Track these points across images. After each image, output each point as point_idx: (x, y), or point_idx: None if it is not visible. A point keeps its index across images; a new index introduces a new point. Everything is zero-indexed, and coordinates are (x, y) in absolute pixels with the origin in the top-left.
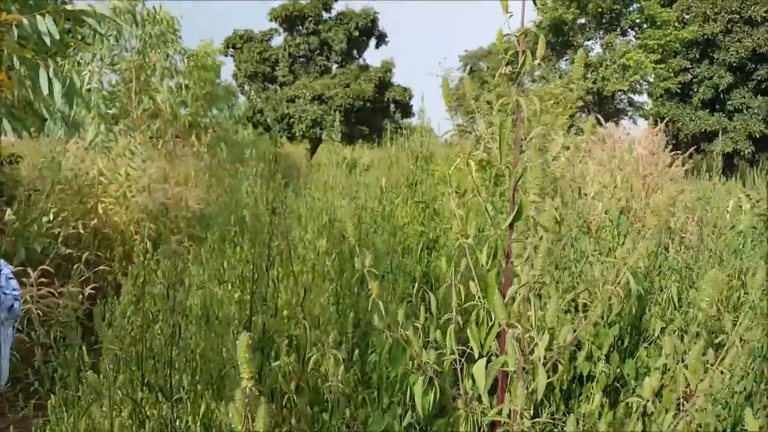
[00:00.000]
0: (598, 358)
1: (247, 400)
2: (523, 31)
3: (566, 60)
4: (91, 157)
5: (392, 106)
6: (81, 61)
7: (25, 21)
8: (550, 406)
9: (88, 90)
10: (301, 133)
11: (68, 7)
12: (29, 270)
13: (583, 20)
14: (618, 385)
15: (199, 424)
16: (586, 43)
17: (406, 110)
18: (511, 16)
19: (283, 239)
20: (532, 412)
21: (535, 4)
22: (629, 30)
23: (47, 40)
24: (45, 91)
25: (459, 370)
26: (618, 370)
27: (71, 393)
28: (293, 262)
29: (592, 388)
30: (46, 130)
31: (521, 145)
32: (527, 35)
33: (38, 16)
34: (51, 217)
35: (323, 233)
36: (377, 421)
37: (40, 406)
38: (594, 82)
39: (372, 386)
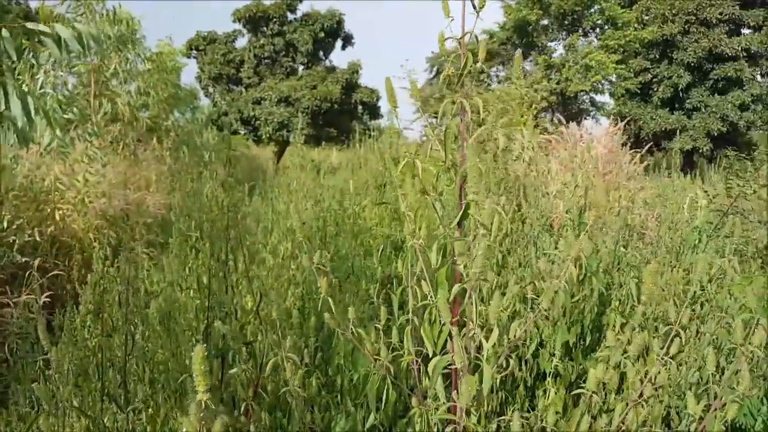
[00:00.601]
0: (559, 355)
1: (202, 414)
2: (464, 34)
3: (530, 61)
4: (47, 162)
5: (360, 107)
6: (34, 62)
7: None
8: (515, 404)
9: (42, 94)
10: (267, 135)
11: (29, 25)
12: None
13: (546, 21)
14: (581, 382)
15: None
16: (549, 44)
17: (374, 112)
18: (452, 20)
19: (239, 244)
20: (495, 409)
21: (474, 8)
22: (591, 31)
23: (4, 57)
24: (1, 106)
25: (417, 370)
26: (581, 367)
27: (23, 407)
28: (252, 267)
29: (552, 384)
30: None
31: (465, 146)
32: (469, 38)
33: None
34: (5, 225)
35: (288, 237)
36: (339, 424)
37: None
38: (557, 83)
39: (336, 390)
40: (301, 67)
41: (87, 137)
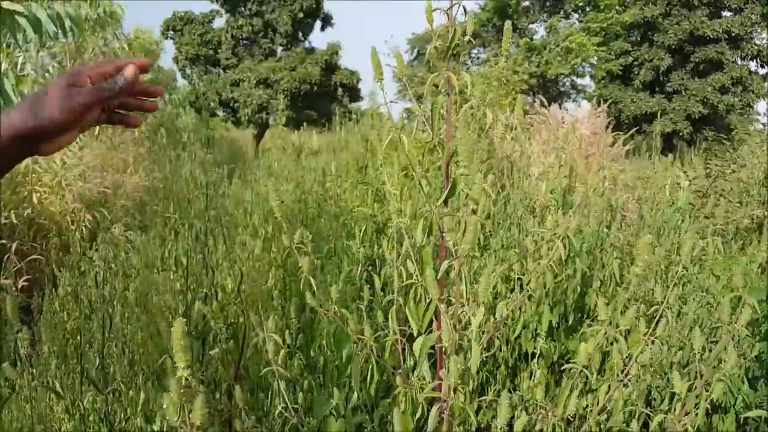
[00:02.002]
0: (542, 335)
1: (183, 390)
2: (452, 5)
3: (512, 43)
4: None
5: (340, 89)
6: (10, 42)
7: None
8: (496, 384)
9: (22, 75)
10: (246, 117)
11: (3, 4)
12: None
13: (527, 2)
14: (563, 362)
15: (139, 414)
16: (530, 26)
17: (354, 94)
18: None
19: (218, 224)
20: (476, 389)
21: None
22: (572, 13)
23: None
24: None
25: (402, 350)
26: (563, 347)
27: (4, 389)
28: (232, 248)
29: (536, 365)
30: None
31: (454, 121)
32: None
33: None
34: None
35: (268, 219)
36: (321, 404)
37: None
38: (537, 66)
39: (318, 371)
40: (280, 49)
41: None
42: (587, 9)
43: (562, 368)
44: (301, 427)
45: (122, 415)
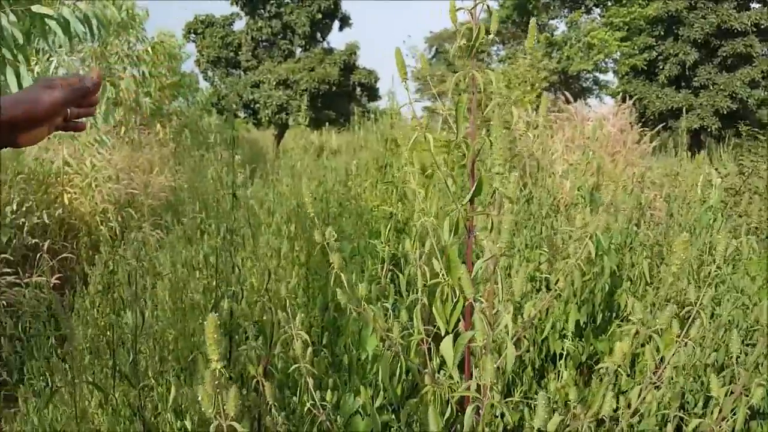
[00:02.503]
0: (570, 335)
1: (216, 383)
2: (476, 4)
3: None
4: (55, 146)
5: (358, 89)
6: (37, 47)
7: None
8: (522, 385)
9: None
10: (267, 118)
11: (33, 8)
12: None
13: None
14: (591, 362)
15: (169, 409)
16: (550, 21)
17: (373, 93)
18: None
19: (246, 224)
20: (503, 389)
21: None
22: (594, 8)
23: (10, 38)
24: (14, 87)
25: (427, 349)
26: (591, 348)
27: (39, 383)
28: (258, 247)
29: (564, 365)
30: None
31: (478, 120)
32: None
33: (2, 14)
34: (14, 207)
35: (291, 219)
36: (348, 403)
37: (9, 397)
38: (558, 62)
39: (343, 369)
40: (298, 50)
41: (94, 121)
42: (609, 3)
43: (591, 369)
44: (330, 425)
45: (153, 411)
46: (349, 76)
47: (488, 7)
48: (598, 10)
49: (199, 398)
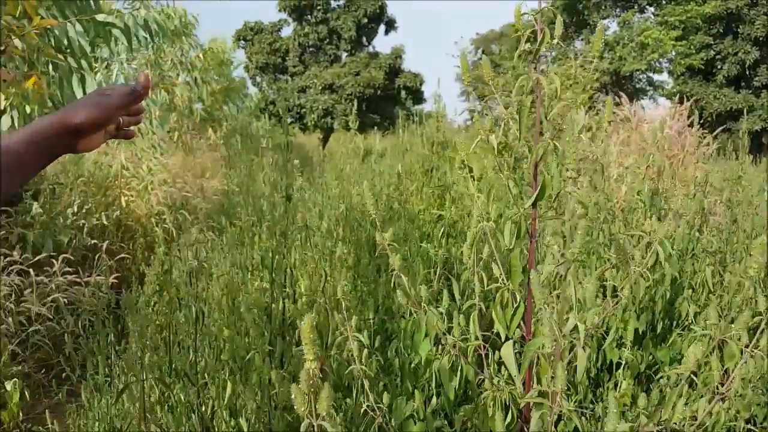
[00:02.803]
0: (628, 344)
1: (312, 382)
2: (540, 10)
3: (582, 40)
4: (113, 151)
5: (403, 92)
6: (98, 56)
7: (56, 27)
8: (577, 395)
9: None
10: (313, 123)
11: (98, 17)
12: (54, 261)
13: None
14: (650, 372)
15: (224, 407)
16: (601, 21)
17: (418, 96)
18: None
19: (299, 227)
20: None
21: None
22: (648, 6)
23: (77, 47)
24: (79, 94)
25: (484, 355)
26: (651, 357)
27: (101, 379)
28: (311, 249)
29: (622, 375)
30: None
31: (542, 124)
32: (544, 14)
33: (68, 24)
34: (75, 210)
35: (339, 222)
36: (402, 406)
37: (72, 392)
38: (610, 62)
39: (394, 373)
40: (344, 54)
41: (150, 127)
42: (663, 2)
43: (650, 379)
44: (386, 427)
45: (210, 408)
46: (394, 80)
47: (554, 13)
48: (652, 9)
49: (293, 396)
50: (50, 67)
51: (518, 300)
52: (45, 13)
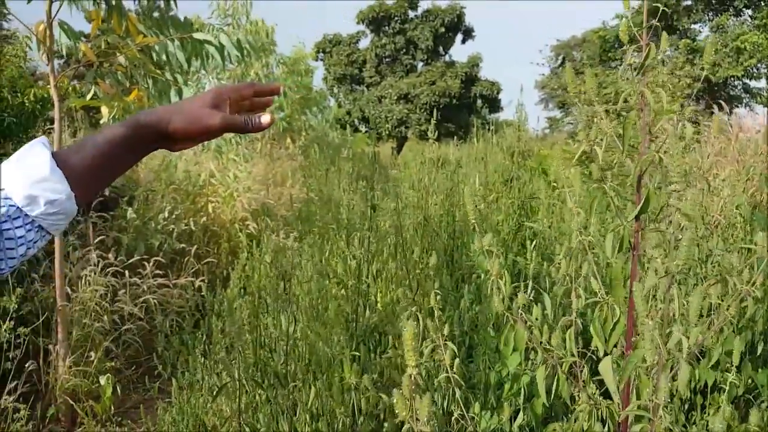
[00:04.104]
0: (727, 367)
1: (413, 388)
2: (648, 25)
3: (670, 45)
4: (201, 160)
5: (479, 101)
6: (188, 71)
7: (156, 45)
8: (670, 417)
9: None
10: (387, 132)
11: (195, 35)
12: (146, 263)
13: (689, 1)
14: (750, 397)
15: (307, 411)
16: (692, 26)
17: (494, 105)
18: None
19: (386, 234)
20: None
21: None
22: (744, 9)
23: (175, 63)
24: None
25: (579, 371)
26: (750, 381)
27: (190, 378)
28: (396, 257)
29: (718, 399)
30: None
31: (647, 136)
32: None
33: (168, 42)
34: (166, 215)
35: (418, 231)
36: (488, 420)
37: (161, 389)
38: (702, 69)
39: (477, 386)
40: (420, 64)
41: (237, 137)
42: (762, 4)
43: (749, 402)
44: None
45: (297, 411)
46: (470, 88)
47: (659, 26)
48: (749, 12)
49: (394, 401)
50: (150, 81)
51: (618, 314)
52: (146, 30)
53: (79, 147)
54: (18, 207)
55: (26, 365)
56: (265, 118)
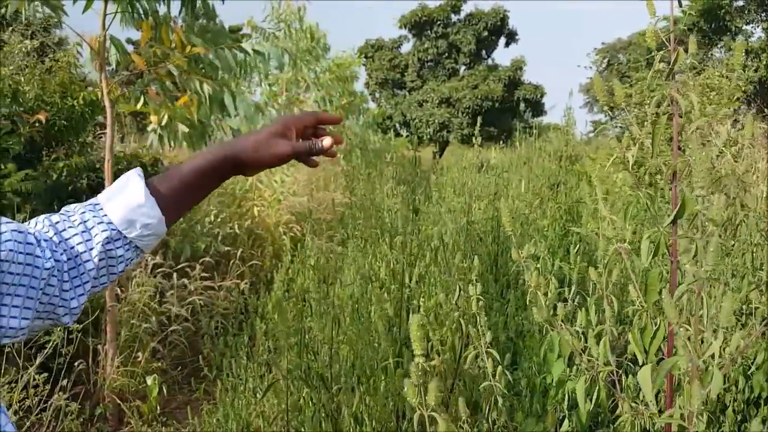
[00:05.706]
0: None
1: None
2: (673, 30)
3: (721, 47)
4: None
5: (522, 104)
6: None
7: (208, 54)
8: (721, 428)
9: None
10: (428, 136)
11: (244, 45)
12: (194, 265)
13: (741, 2)
14: None
15: (351, 415)
16: (745, 27)
17: (537, 108)
18: (659, 19)
19: (428, 240)
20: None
21: (680, 3)
22: None
23: (226, 71)
24: (232, 112)
25: (617, 380)
26: None
27: (235, 380)
28: (441, 263)
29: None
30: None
31: (679, 140)
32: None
33: (219, 50)
34: (212, 219)
35: (461, 235)
36: (532, 426)
37: (206, 390)
38: (755, 71)
39: (522, 392)
40: (462, 68)
41: None
42: None
43: None
44: None
45: (341, 414)
46: (513, 92)
47: (685, 27)
48: None
49: (405, 389)
50: (202, 87)
51: (659, 323)
52: (196, 40)
53: (168, 176)
54: (119, 230)
55: (75, 364)
56: (327, 141)
